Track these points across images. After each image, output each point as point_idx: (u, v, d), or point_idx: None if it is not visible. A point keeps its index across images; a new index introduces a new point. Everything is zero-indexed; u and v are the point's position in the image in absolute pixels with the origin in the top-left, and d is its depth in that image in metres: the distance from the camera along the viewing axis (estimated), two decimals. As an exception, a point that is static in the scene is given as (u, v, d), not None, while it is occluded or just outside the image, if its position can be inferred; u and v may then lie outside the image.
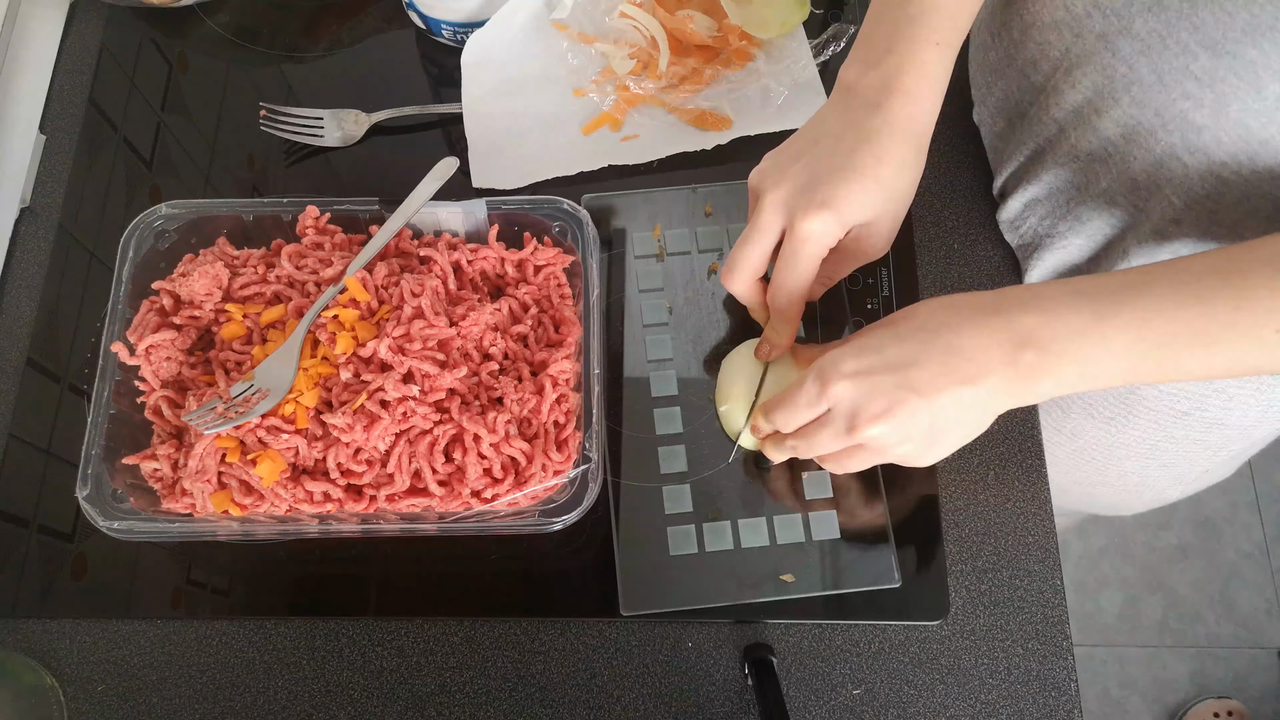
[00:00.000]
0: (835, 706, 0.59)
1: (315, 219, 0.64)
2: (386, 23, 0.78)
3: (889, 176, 0.54)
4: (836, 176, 0.54)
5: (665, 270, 0.68)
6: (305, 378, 0.58)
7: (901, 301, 0.66)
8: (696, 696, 0.59)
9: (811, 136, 0.56)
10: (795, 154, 0.56)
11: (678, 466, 0.63)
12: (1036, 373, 0.48)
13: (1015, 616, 0.60)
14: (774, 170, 0.57)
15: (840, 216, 0.54)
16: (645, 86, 0.73)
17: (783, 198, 0.55)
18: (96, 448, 0.57)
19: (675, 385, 0.65)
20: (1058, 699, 0.59)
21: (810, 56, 0.74)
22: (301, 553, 0.62)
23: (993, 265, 0.69)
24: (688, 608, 0.60)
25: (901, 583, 0.60)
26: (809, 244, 0.55)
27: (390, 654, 0.60)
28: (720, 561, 0.60)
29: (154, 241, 0.63)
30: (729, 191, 0.70)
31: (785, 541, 0.61)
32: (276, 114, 0.73)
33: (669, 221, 0.70)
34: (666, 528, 0.61)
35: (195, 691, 0.60)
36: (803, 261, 0.55)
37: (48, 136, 0.74)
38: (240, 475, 0.58)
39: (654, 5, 0.73)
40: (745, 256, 0.57)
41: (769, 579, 0.60)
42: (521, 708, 0.59)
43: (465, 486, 0.58)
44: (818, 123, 0.57)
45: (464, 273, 0.64)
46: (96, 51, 0.77)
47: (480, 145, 0.71)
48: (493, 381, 0.60)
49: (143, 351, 0.60)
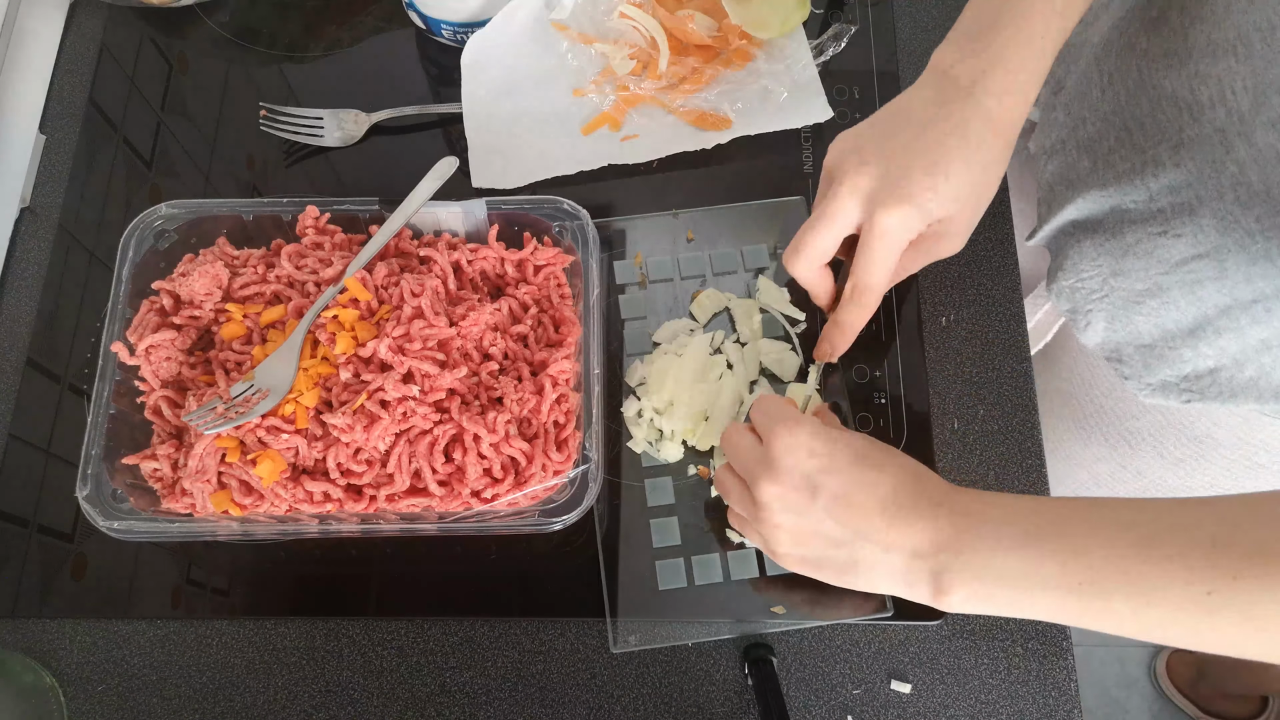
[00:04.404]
0: (835, 706, 0.59)
1: (315, 219, 0.65)
2: (386, 23, 0.78)
3: (976, 172, 0.52)
4: (921, 168, 0.51)
5: (648, 298, 0.68)
6: (305, 378, 0.58)
7: (901, 309, 0.66)
8: (696, 696, 0.59)
9: (898, 119, 0.53)
10: (878, 136, 0.53)
11: (665, 500, 0.62)
12: (946, 578, 0.47)
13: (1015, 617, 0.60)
14: (854, 153, 0.54)
15: (923, 211, 0.52)
16: (645, 87, 0.73)
17: (863, 185, 0.52)
18: (96, 448, 0.57)
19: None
20: (1058, 699, 0.59)
21: (810, 56, 0.74)
22: (301, 553, 0.62)
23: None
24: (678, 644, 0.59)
25: (894, 612, 0.59)
26: (889, 238, 0.53)
27: (390, 654, 0.60)
28: (710, 595, 0.60)
29: (154, 241, 0.63)
30: (710, 216, 0.70)
31: (775, 573, 0.60)
32: (276, 114, 0.73)
33: (650, 249, 0.69)
34: (655, 561, 0.61)
35: (195, 691, 0.60)
36: (882, 255, 0.53)
37: (48, 136, 0.74)
38: (240, 475, 0.58)
39: (654, 5, 0.73)
40: (814, 241, 0.55)
41: (760, 611, 0.59)
42: (521, 708, 0.59)
43: (465, 486, 0.58)
44: (904, 104, 0.54)
45: (464, 273, 0.64)
46: (96, 51, 0.77)
47: (480, 145, 0.71)
48: (493, 381, 0.60)
49: (143, 351, 0.60)
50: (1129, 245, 0.61)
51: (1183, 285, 0.58)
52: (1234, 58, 0.50)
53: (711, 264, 0.68)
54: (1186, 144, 0.54)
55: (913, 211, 0.52)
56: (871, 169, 0.52)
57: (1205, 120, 0.52)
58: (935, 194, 0.52)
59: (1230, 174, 0.52)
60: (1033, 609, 0.46)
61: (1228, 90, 0.51)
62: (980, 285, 0.68)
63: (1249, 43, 0.49)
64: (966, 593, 0.47)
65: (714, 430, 0.62)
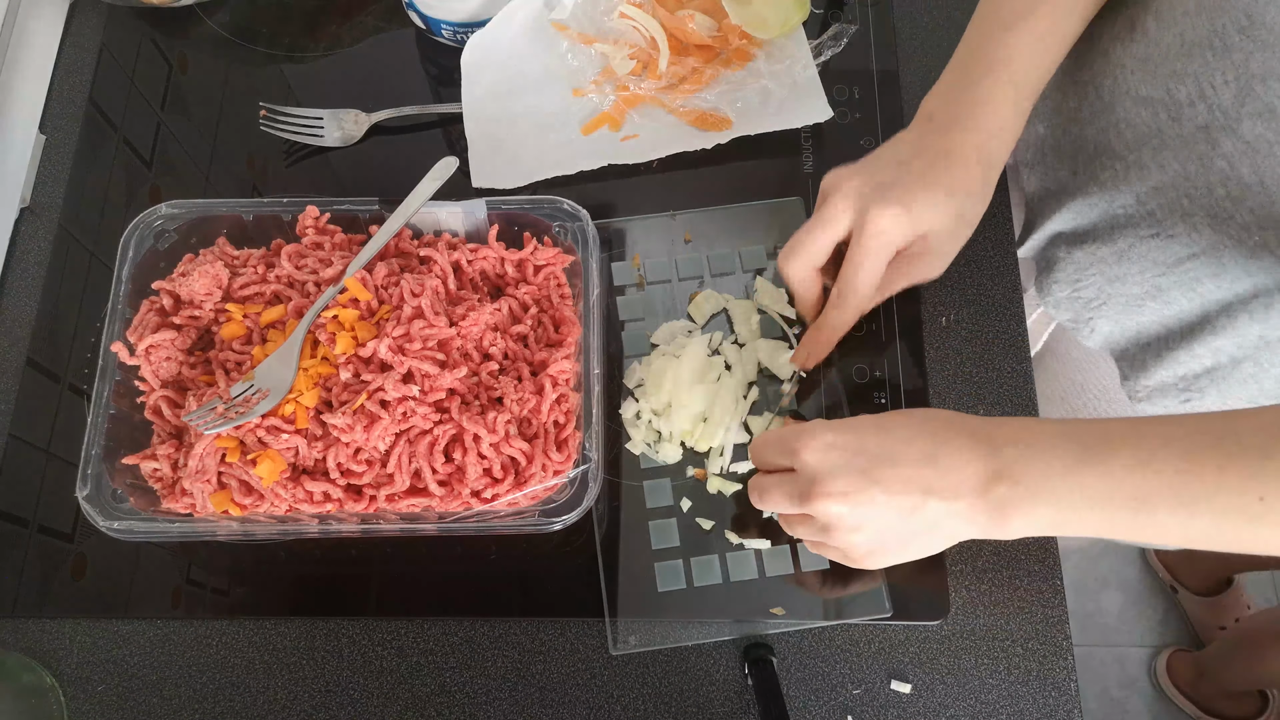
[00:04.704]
0: (835, 706, 0.59)
1: (315, 219, 0.65)
2: (386, 23, 0.78)
3: (959, 194, 0.56)
4: (910, 182, 0.55)
5: (645, 299, 0.68)
6: (305, 378, 0.58)
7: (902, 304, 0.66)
8: (696, 696, 0.59)
9: (887, 154, 0.58)
10: (871, 161, 0.58)
11: (663, 501, 0.62)
12: (1007, 509, 0.47)
13: (1015, 616, 0.60)
14: (849, 171, 0.58)
15: (912, 217, 0.55)
16: (645, 87, 0.73)
17: (856, 190, 0.56)
18: (96, 448, 0.57)
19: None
20: (1058, 699, 0.59)
21: (810, 56, 0.73)
22: (301, 553, 0.62)
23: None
24: (677, 645, 0.59)
25: (894, 612, 0.59)
26: (879, 239, 0.55)
27: (390, 654, 0.60)
28: (709, 596, 0.60)
29: (154, 241, 0.63)
30: (708, 217, 0.70)
31: (774, 574, 0.60)
32: (276, 114, 0.73)
33: (648, 250, 0.69)
34: (654, 563, 0.60)
35: (195, 691, 0.60)
36: (871, 256, 0.56)
37: (48, 136, 0.74)
38: (240, 475, 0.58)
39: (654, 5, 0.73)
40: (808, 242, 0.58)
41: (759, 612, 0.59)
42: (521, 708, 0.59)
43: (465, 486, 0.58)
44: (894, 143, 0.59)
45: (464, 273, 0.64)
46: (96, 51, 0.77)
47: (480, 145, 0.71)
48: (493, 381, 0.60)
49: (143, 351, 0.60)
50: (1122, 250, 0.61)
51: (1181, 285, 0.58)
52: (1210, 52, 0.51)
53: (709, 265, 0.68)
54: (1169, 145, 0.55)
55: (903, 214, 0.55)
56: (864, 180, 0.57)
57: (1186, 119, 0.53)
58: (923, 204, 0.55)
59: (1219, 169, 0.52)
60: (1081, 527, 0.47)
61: (1206, 86, 0.51)
62: (980, 285, 0.68)
63: (1225, 36, 0.50)
64: (1025, 521, 0.47)
65: (712, 431, 0.62)
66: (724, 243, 0.69)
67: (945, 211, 0.56)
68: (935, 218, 0.56)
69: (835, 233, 0.57)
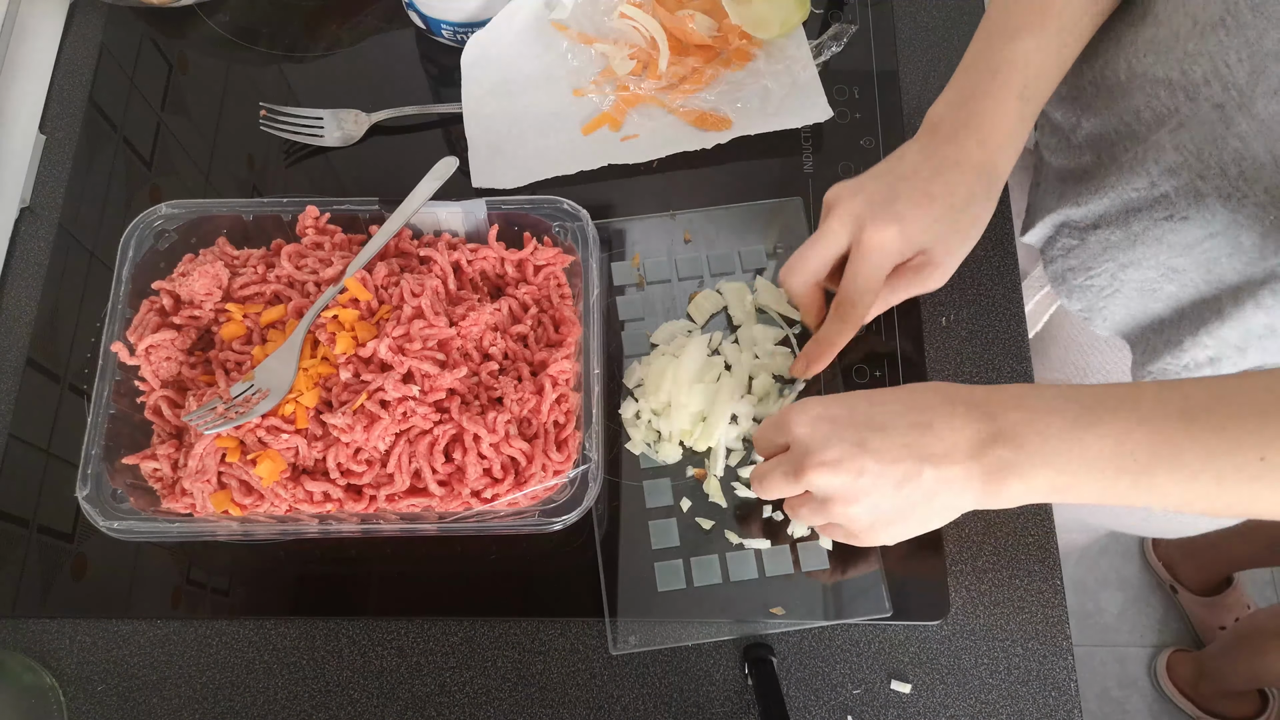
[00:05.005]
0: (835, 706, 0.59)
1: (315, 219, 0.65)
2: (386, 23, 0.78)
3: (959, 207, 0.56)
4: (906, 196, 0.56)
5: (645, 299, 0.68)
6: (305, 378, 0.58)
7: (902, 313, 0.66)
8: (696, 696, 0.59)
9: (891, 164, 0.59)
10: (873, 175, 0.59)
11: (663, 501, 0.62)
12: (1005, 473, 0.47)
13: (1015, 616, 0.60)
14: (850, 186, 0.59)
15: (906, 233, 0.56)
16: (645, 87, 0.73)
17: (855, 208, 0.57)
18: (96, 448, 0.57)
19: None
20: (1058, 699, 0.59)
21: (810, 56, 0.74)
22: (301, 553, 0.62)
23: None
24: (677, 645, 0.59)
25: (894, 612, 0.59)
26: (876, 254, 0.56)
27: (390, 654, 0.60)
28: (709, 596, 0.60)
29: (154, 241, 0.63)
30: (707, 217, 0.70)
31: (774, 574, 0.60)
32: (276, 114, 0.73)
33: (648, 250, 0.69)
34: (654, 563, 0.60)
35: (195, 691, 0.60)
36: (868, 272, 0.57)
37: (48, 136, 0.74)
38: (240, 475, 0.58)
39: (654, 5, 0.73)
40: (808, 256, 0.59)
41: (759, 612, 0.59)
42: (521, 708, 0.59)
43: (465, 486, 0.58)
44: (899, 153, 0.59)
45: (464, 273, 0.64)
46: (96, 51, 0.77)
47: (480, 145, 0.72)
48: (493, 381, 0.60)
49: (143, 351, 0.60)
50: (1136, 235, 0.61)
51: (1198, 267, 0.59)
52: (1223, 31, 0.51)
53: (709, 265, 0.69)
54: (1185, 124, 0.55)
55: (898, 231, 0.56)
56: (864, 196, 0.57)
57: (1201, 98, 0.53)
58: (920, 220, 0.56)
59: (1233, 149, 0.52)
60: (1080, 492, 0.46)
61: (1221, 64, 0.52)
62: (980, 285, 0.68)
63: (1238, 14, 0.50)
64: (1023, 485, 0.47)
65: (712, 431, 0.62)
66: (724, 242, 0.69)
67: (943, 227, 0.57)
68: (932, 233, 0.57)
69: (834, 249, 0.58)
